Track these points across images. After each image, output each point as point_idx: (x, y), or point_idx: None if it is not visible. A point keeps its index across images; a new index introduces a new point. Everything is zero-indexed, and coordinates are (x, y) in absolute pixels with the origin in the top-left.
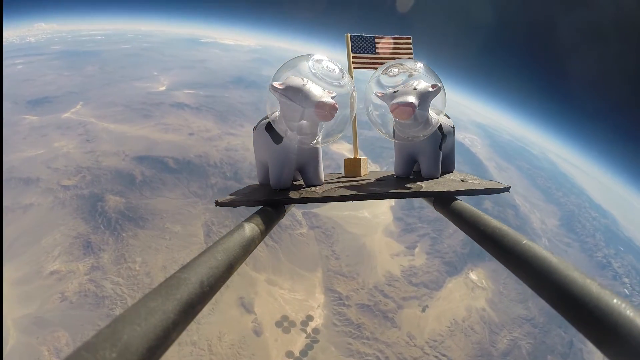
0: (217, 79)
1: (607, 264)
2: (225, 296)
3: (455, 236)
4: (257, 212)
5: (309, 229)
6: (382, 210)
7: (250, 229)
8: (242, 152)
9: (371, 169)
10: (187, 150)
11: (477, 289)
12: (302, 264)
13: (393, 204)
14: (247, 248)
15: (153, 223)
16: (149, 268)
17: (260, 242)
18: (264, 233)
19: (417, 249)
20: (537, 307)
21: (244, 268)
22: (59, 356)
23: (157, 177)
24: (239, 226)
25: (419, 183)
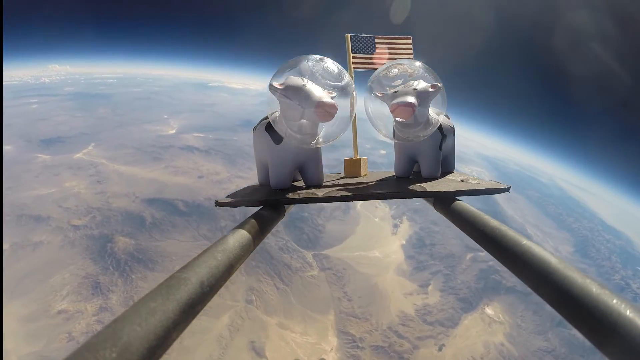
0: (226, 122)
1: (625, 285)
2: (236, 340)
3: (468, 271)
4: (257, 212)
5: (320, 271)
6: (393, 249)
7: (250, 229)
8: None
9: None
10: (196, 193)
11: (494, 324)
12: (314, 307)
13: (404, 243)
14: (247, 248)
15: (163, 265)
16: None
17: (260, 242)
18: (264, 233)
19: (430, 287)
20: (557, 337)
21: (254, 312)
22: None
23: (167, 219)
24: (239, 226)
25: (419, 183)
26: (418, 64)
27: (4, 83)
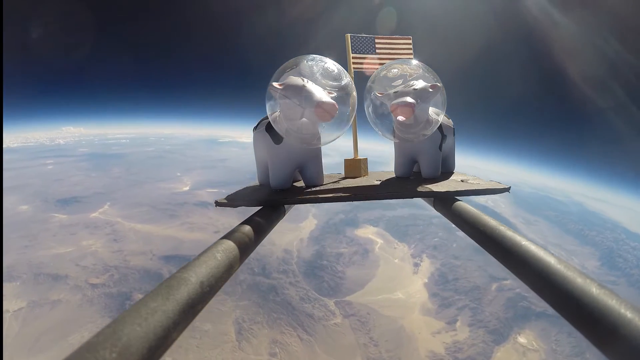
0: (238, 176)
1: None
2: None
3: (495, 302)
4: (257, 212)
5: (343, 318)
6: (416, 288)
7: (250, 229)
8: (268, 247)
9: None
10: None
11: (528, 352)
12: (340, 355)
13: (427, 281)
14: (247, 248)
15: None
16: None
17: (260, 242)
18: (264, 233)
19: (458, 323)
20: (595, 356)
21: None
22: None
23: None
24: (239, 226)
25: (419, 183)
26: (418, 64)
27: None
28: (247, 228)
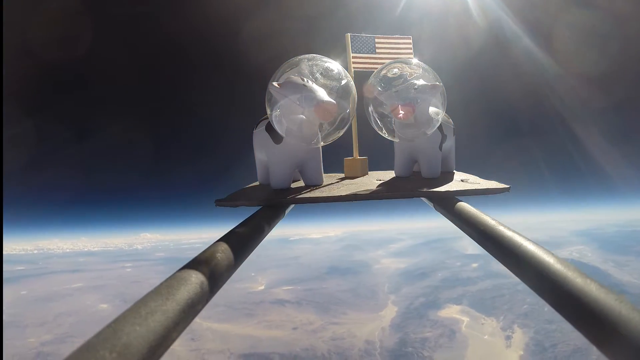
0: (313, 271)
1: None
2: None
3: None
4: (257, 212)
5: None
6: None
7: (250, 229)
8: (349, 339)
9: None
10: (292, 345)
11: None
12: None
13: (522, 353)
14: (248, 248)
15: None
16: None
17: (260, 242)
18: (264, 233)
19: None
20: None
21: None
22: None
23: None
24: (239, 226)
25: (419, 183)
26: (418, 63)
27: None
28: (248, 228)
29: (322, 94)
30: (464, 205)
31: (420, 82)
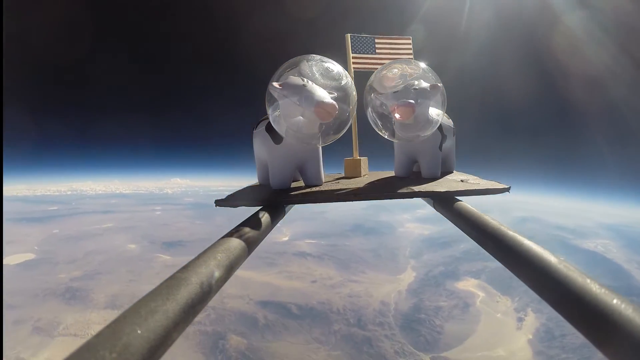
0: (337, 228)
1: None
2: None
3: None
4: (257, 212)
5: None
6: (520, 345)
7: (250, 229)
8: (365, 298)
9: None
10: (310, 297)
11: None
12: None
13: (531, 337)
14: (247, 248)
15: None
16: None
17: (260, 242)
18: (264, 233)
19: None
20: None
21: None
22: None
23: (280, 321)
24: (239, 226)
25: (419, 183)
26: (418, 63)
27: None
28: (247, 228)
29: (322, 94)
30: (464, 205)
31: (420, 82)
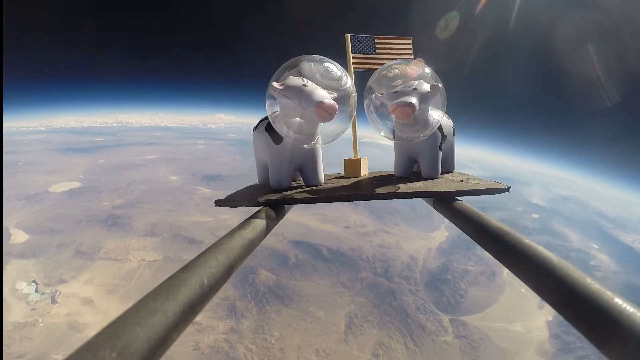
0: None
1: None
2: None
3: None
4: (257, 213)
5: (455, 338)
6: (538, 325)
7: (250, 229)
8: (395, 250)
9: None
10: (341, 242)
11: None
12: None
13: (550, 319)
14: (248, 249)
15: (298, 304)
16: (284, 344)
17: (260, 243)
18: (264, 233)
19: None
20: None
21: None
22: None
23: (310, 262)
24: (239, 227)
25: (419, 183)
26: (418, 63)
27: None
28: (248, 228)
29: (322, 94)
30: (464, 205)
31: (421, 82)
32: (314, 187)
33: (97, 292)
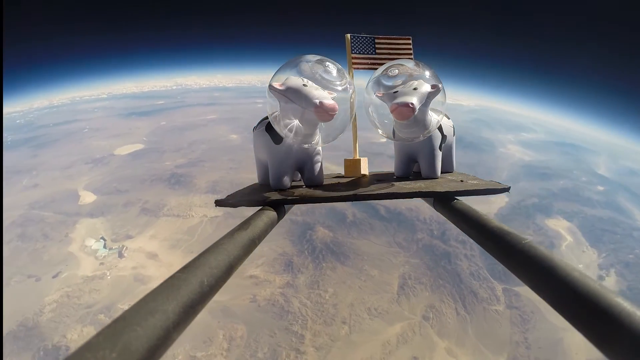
0: None
1: None
2: (401, 351)
3: None
4: (258, 213)
5: (506, 308)
6: None
7: (250, 229)
8: None
9: None
10: (400, 202)
11: None
12: (488, 344)
13: None
14: (248, 249)
15: (353, 262)
16: (337, 300)
17: (260, 243)
18: (264, 233)
19: None
20: None
21: (427, 330)
22: (230, 343)
23: (367, 221)
24: (240, 227)
25: (419, 183)
26: (418, 63)
27: None
28: (248, 228)
29: (322, 94)
30: (464, 205)
31: (421, 82)
32: (314, 187)
33: (161, 247)
